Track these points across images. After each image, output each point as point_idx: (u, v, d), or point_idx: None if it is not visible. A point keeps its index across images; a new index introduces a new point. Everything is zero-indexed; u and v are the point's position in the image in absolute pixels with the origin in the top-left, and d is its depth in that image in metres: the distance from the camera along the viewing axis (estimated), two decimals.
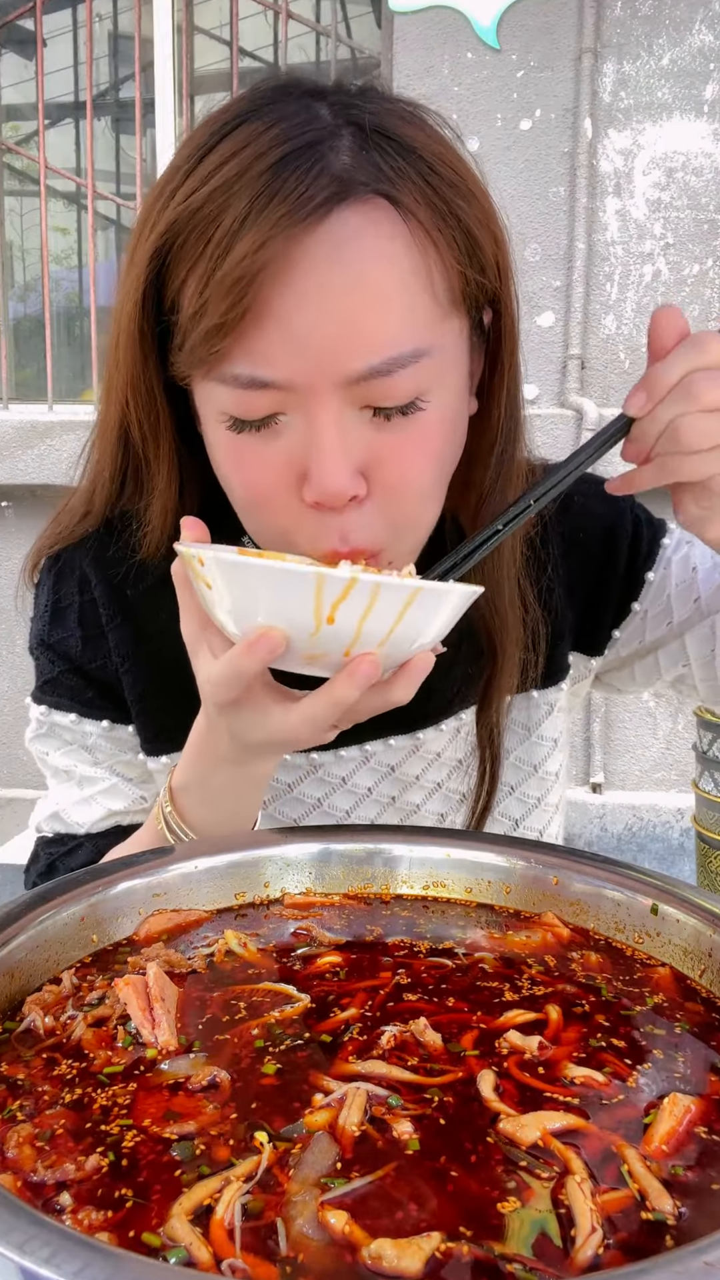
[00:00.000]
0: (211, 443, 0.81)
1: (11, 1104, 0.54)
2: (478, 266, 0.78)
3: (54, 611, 1.00)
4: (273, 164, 0.69)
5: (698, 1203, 0.47)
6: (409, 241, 0.72)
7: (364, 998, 0.65)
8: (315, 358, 0.71)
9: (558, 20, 3.22)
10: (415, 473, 0.77)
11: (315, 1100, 0.54)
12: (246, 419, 0.75)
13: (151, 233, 0.75)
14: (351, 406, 0.74)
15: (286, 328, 0.70)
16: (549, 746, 1.08)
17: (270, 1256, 0.44)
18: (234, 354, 0.72)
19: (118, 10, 3.94)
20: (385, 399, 0.73)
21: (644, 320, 3.31)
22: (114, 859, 0.79)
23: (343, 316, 0.70)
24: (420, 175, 0.73)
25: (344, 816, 1.02)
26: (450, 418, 0.79)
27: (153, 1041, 0.60)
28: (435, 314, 0.75)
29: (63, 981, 0.67)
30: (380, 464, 0.75)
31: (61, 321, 4.11)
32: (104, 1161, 0.49)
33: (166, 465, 0.87)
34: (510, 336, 0.85)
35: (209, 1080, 0.56)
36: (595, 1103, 0.55)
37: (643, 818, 3.45)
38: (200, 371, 0.75)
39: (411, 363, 0.73)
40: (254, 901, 0.79)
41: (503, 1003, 0.65)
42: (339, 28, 3.75)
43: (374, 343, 0.71)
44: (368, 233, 0.71)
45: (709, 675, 1.04)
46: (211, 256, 0.70)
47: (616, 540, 1.03)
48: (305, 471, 0.74)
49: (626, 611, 1.04)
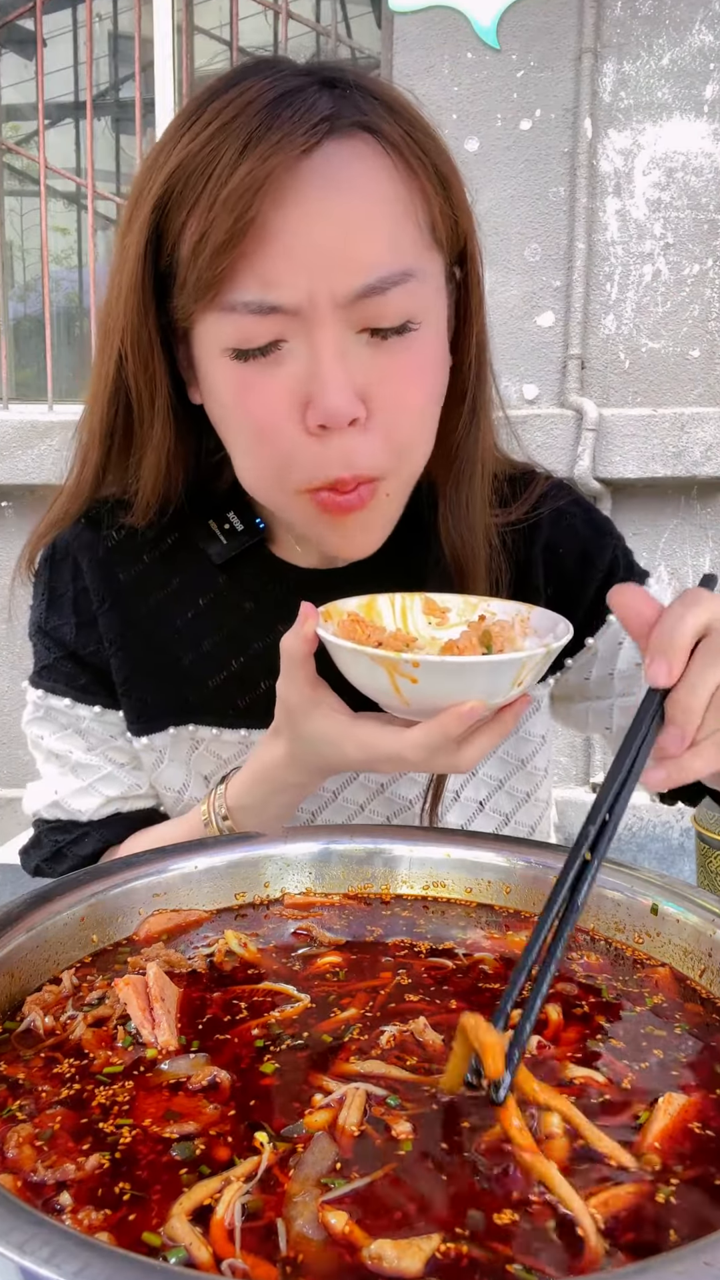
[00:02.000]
0: (212, 383, 0.83)
1: (11, 1104, 0.54)
2: (451, 207, 0.84)
3: (50, 600, 1.03)
4: (266, 104, 0.75)
5: (695, 1199, 0.47)
6: (393, 171, 0.78)
7: (364, 998, 0.65)
8: (315, 277, 0.75)
9: (558, 20, 3.22)
10: (411, 393, 0.81)
11: (315, 1100, 0.54)
12: (250, 346, 0.78)
13: (151, 186, 0.79)
14: (350, 330, 0.78)
15: (287, 245, 0.75)
16: (536, 742, 1.09)
17: (270, 1257, 0.44)
18: (239, 277, 0.76)
19: (118, 10, 3.94)
20: (380, 319, 0.78)
21: (644, 320, 3.32)
22: (142, 852, 0.79)
23: (339, 234, 0.75)
24: (394, 118, 0.80)
25: (330, 798, 1.03)
26: (438, 345, 0.84)
27: (152, 1041, 0.60)
28: (420, 242, 0.80)
29: (63, 981, 0.67)
30: (379, 386, 0.79)
31: (61, 321, 4.11)
32: (104, 1160, 0.50)
33: (162, 418, 0.89)
34: (477, 287, 0.90)
35: (209, 1080, 0.56)
36: (595, 1102, 0.55)
37: (643, 817, 3.45)
38: (203, 304, 0.78)
39: (403, 281, 0.78)
40: (254, 901, 0.79)
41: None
42: (339, 27, 3.75)
43: (369, 261, 0.76)
44: (356, 162, 0.77)
45: (615, 744, 1.05)
46: (214, 187, 0.75)
47: (591, 568, 1.04)
48: (307, 398, 0.78)
49: (581, 644, 1.05)
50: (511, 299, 3.35)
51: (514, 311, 3.35)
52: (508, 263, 3.33)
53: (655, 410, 3.26)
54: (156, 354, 0.86)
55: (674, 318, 3.31)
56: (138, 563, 1.01)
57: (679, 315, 3.31)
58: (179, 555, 1.01)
